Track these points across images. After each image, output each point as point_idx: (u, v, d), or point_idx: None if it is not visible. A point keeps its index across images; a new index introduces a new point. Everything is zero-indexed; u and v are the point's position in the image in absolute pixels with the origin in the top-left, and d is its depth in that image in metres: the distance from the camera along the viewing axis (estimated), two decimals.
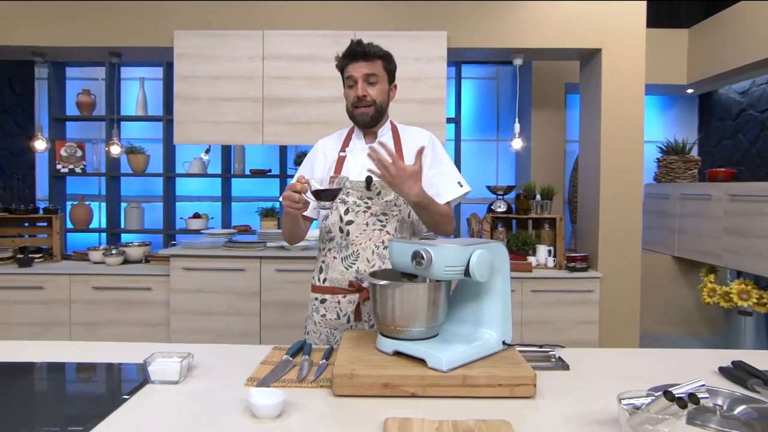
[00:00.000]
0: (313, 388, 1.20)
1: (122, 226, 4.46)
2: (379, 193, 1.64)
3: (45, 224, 3.81)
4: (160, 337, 3.35)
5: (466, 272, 1.22)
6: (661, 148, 4.66)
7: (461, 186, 1.72)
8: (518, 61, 3.53)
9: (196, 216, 4.33)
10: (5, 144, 4.51)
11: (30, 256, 3.50)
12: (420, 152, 1.46)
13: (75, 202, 4.38)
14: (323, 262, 1.70)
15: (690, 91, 4.73)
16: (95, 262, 3.57)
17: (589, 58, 3.57)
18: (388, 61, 1.68)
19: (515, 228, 3.81)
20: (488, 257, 1.23)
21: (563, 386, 1.22)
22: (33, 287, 3.35)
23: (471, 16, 3.37)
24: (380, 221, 1.64)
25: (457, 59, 3.99)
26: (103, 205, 4.53)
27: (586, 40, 3.37)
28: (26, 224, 3.90)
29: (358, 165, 1.67)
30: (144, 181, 4.59)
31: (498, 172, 4.88)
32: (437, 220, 1.63)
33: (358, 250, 1.63)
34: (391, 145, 1.68)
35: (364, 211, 1.64)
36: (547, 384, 1.22)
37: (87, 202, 4.42)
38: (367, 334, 1.44)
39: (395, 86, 1.73)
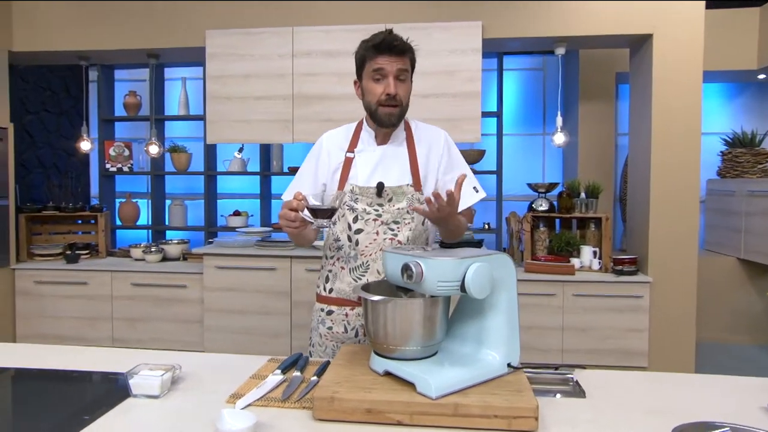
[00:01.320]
0: (295, 409, 1.12)
1: (166, 222, 4.58)
2: (390, 200, 1.53)
3: (93, 222, 3.97)
4: (194, 335, 3.41)
5: (463, 287, 1.10)
6: (725, 140, 4.28)
7: (477, 192, 1.59)
8: (560, 51, 3.31)
9: (236, 213, 4.38)
10: (61, 145, 4.73)
11: (77, 252, 3.65)
12: (460, 184, 1.32)
13: (123, 200, 4.54)
14: (330, 271, 1.61)
15: (762, 76, 4.30)
16: (136, 259, 3.68)
17: (639, 44, 3.29)
18: (414, 56, 1.56)
19: (559, 228, 3.59)
20: (487, 271, 1.10)
21: (573, 418, 1.08)
22: (78, 283, 3.49)
23: (508, 4, 3.19)
24: (391, 230, 1.53)
25: (497, 50, 3.80)
26: (150, 202, 4.68)
27: (635, 25, 3.11)
28: (79, 221, 4.08)
29: (368, 168, 1.55)
30: (188, 179, 4.70)
31: (544, 168, 4.64)
32: (453, 230, 1.54)
33: (367, 261, 1.52)
34: (404, 153, 1.57)
35: (374, 219, 1.52)
36: (555, 414, 1.09)
37: (134, 200, 4.56)
38: (364, 349, 1.34)
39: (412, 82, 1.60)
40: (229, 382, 1.26)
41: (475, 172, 4.10)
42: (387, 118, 1.52)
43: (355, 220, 1.53)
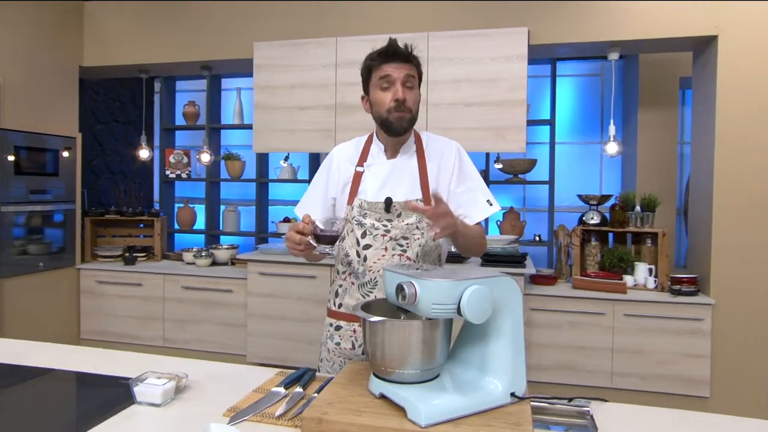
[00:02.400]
0: (288, 427, 1.11)
1: (220, 227, 4.75)
2: (399, 215, 1.49)
3: (152, 225, 4.19)
4: (238, 339, 3.50)
5: (459, 311, 1.04)
6: None
7: (491, 205, 1.53)
8: (614, 56, 3.13)
9: (286, 220, 4.47)
10: (128, 152, 5.04)
11: (134, 255, 3.85)
12: (438, 198, 1.29)
13: (181, 205, 4.76)
14: (340, 286, 1.58)
15: None
16: (188, 263, 3.84)
17: (703, 47, 3.06)
18: (420, 66, 1.53)
19: (612, 242, 3.39)
20: (485, 295, 1.04)
21: None
22: (134, 284, 3.68)
23: (555, 8, 3.06)
24: (400, 245, 1.49)
25: (549, 56, 3.66)
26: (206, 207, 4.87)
27: (698, 26, 2.89)
28: (141, 225, 4.32)
29: (377, 183, 1.52)
30: (242, 185, 4.86)
31: (601, 178, 4.41)
32: (469, 245, 1.50)
33: (375, 278, 1.49)
34: (414, 166, 1.54)
35: (383, 235, 1.49)
36: None
37: (192, 205, 4.77)
38: (368, 368, 1.31)
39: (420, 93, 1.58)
40: (232, 393, 1.27)
41: (526, 183, 4.01)
42: (398, 123, 1.47)
43: (364, 235, 1.50)
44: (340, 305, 1.57)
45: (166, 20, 3.68)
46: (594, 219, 3.28)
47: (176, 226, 4.70)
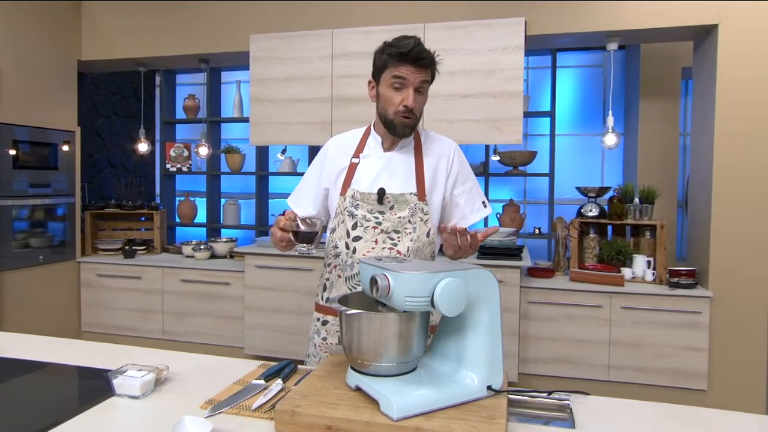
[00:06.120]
0: (263, 419, 1.10)
1: (221, 221, 4.77)
2: (392, 208, 1.48)
3: (152, 219, 4.20)
4: (235, 331, 3.51)
5: (433, 303, 1.04)
6: None
7: (485, 207, 1.55)
8: (612, 46, 3.09)
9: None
10: (130, 146, 5.05)
11: (133, 248, 3.87)
12: (485, 233, 1.41)
13: (182, 198, 4.78)
14: (327, 279, 1.58)
15: None
16: (187, 256, 3.85)
17: (704, 36, 3.01)
18: (435, 69, 1.48)
19: (611, 235, 3.36)
20: (459, 287, 1.03)
21: None
22: (133, 277, 3.71)
23: None
24: (391, 239, 1.48)
25: (549, 47, 3.62)
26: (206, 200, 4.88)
27: (697, 15, 2.84)
28: (142, 219, 4.34)
29: (371, 174, 1.51)
30: (242, 178, 4.86)
31: (603, 170, 4.37)
32: (464, 250, 1.48)
33: None
34: (411, 161, 1.53)
35: (374, 227, 1.48)
36: None
37: (192, 199, 4.79)
38: (348, 360, 1.30)
39: None
40: (212, 385, 1.27)
41: (526, 175, 3.98)
42: (403, 129, 1.46)
43: (354, 226, 1.49)
44: (327, 299, 1.57)
45: (163, 13, 3.67)
46: (592, 211, 3.25)
47: (177, 220, 4.72)
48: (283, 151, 4.29)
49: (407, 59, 1.40)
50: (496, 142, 3.18)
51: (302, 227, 1.37)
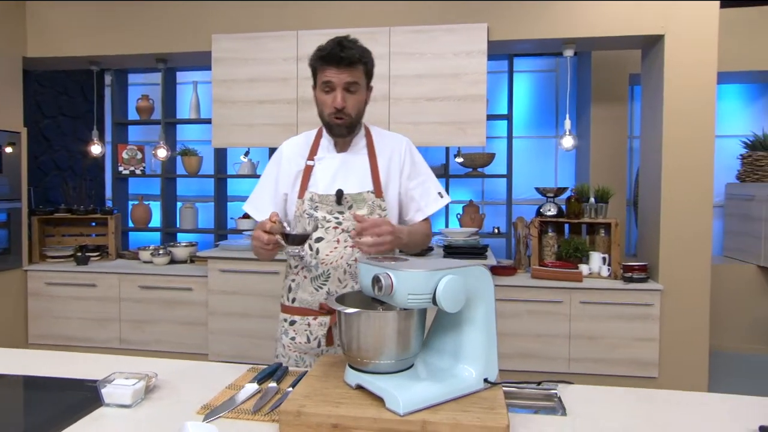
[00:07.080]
0: (265, 422, 1.10)
1: (177, 225, 4.63)
2: (350, 208, 1.51)
3: (105, 224, 4.03)
4: (198, 338, 3.43)
5: (435, 301, 1.07)
6: (745, 143, 4.15)
7: (442, 197, 1.60)
8: (569, 53, 3.24)
9: (246, 216, 4.40)
10: (78, 148, 4.82)
11: (87, 254, 3.70)
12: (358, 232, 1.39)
13: (136, 202, 4.60)
14: (293, 280, 1.59)
15: None
16: (144, 262, 3.72)
17: (651, 45, 3.20)
18: (369, 64, 1.51)
19: (568, 233, 3.52)
20: (460, 284, 1.07)
21: None
22: (87, 284, 3.54)
23: (514, 5, 3.13)
24: (352, 238, 1.51)
25: (507, 52, 3.74)
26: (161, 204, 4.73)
27: (646, 25, 3.03)
28: (93, 224, 4.14)
29: (328, 176, 1.54)
30: (199, 181, 4.74)
31: (556, 171, 4.56)
32: (416, 244, 1.57)
33: (328, 270, 1.51)
34: (365, 160, 1.56)
35: (335, 227, 1.51)
36: None
37: (147, 202, 4.62)
38: (342, 361, 1.32)
39: (371, 88, 1.57)
40: (204, 391, 1.25)
41: (485, 176, 4.10)
42: (337, 130, 1.51)
43: (315, 228, 1.51)
44: (293, 300, 1.59)
45: (119, 10, 3.53)
46: (551, 211, 3.39)
47: (131, 224, 4.55)
48: (246, 153, 4.22)
49: (330, 61, 1.43)
50: (461, 144, 3.26)
51: (297, 230, 1.37)
